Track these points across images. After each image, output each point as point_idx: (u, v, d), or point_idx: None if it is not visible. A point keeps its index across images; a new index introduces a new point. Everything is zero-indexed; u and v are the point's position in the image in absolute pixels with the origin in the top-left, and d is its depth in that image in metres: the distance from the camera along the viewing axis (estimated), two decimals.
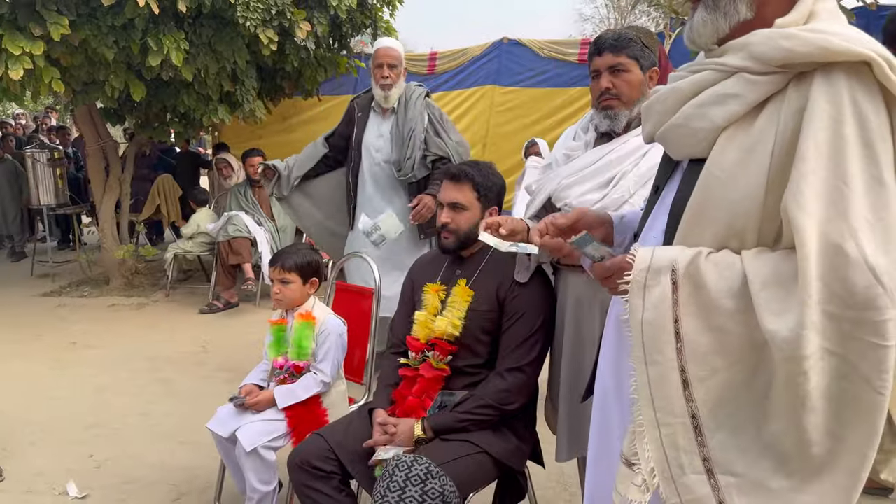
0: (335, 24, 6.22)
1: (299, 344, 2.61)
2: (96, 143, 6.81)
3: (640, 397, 1.26)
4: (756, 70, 1.20)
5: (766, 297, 1.14)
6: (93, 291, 6.79)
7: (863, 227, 1.09)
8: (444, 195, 2.27)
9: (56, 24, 4.64)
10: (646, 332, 1.25)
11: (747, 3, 1.26)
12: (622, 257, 1.32)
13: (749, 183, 1.19)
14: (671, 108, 1.32)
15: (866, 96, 1.12)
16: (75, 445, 3.47)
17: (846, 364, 1.09)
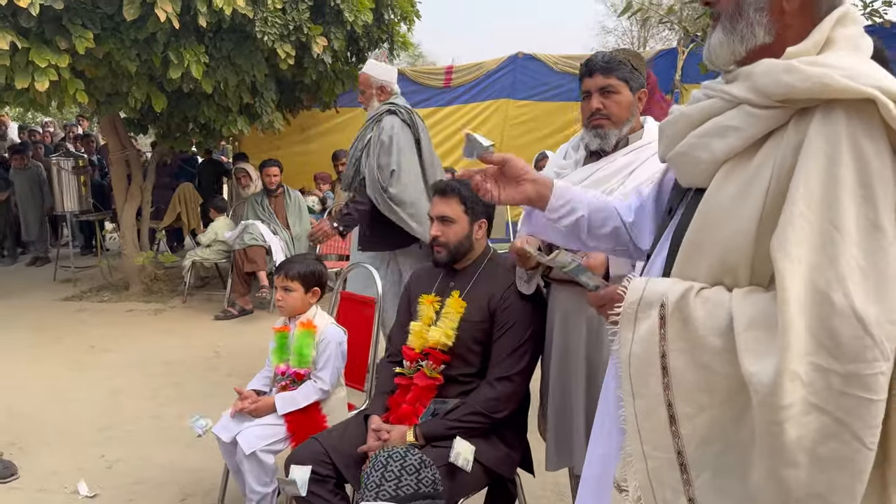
0: (352, 38, 6.34)
1: (300, 352, 2.70)
2: (120, 152, 7.00)
3: (628, 428, 1.25)
4: (757, 103, 1.16)
5: (748, 338, 1.10)
6: (112, 297, 6.96)
7: (853, 274, 1.03)
8: (434, 209, 2.35)
9: (81, 38, 4.80)
10: (633, 364, 1.24)
11: (766, 27, 1.20)
12: (615, 288, 1.30)
13: (743, 220, 1.15)
14: (680, 132, 1.29)
15: (867, 136, 1.06)
16: (88, 446, 3.59)
17: (837, 423, 1.02)
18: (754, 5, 1.21)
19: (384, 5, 6.41)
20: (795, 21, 1.19)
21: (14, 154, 8.84)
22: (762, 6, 1.20)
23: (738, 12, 1.22)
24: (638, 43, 23.74)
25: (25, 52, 4.73)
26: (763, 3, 1.20)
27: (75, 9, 4.84)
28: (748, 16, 1.21)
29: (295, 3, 5.52)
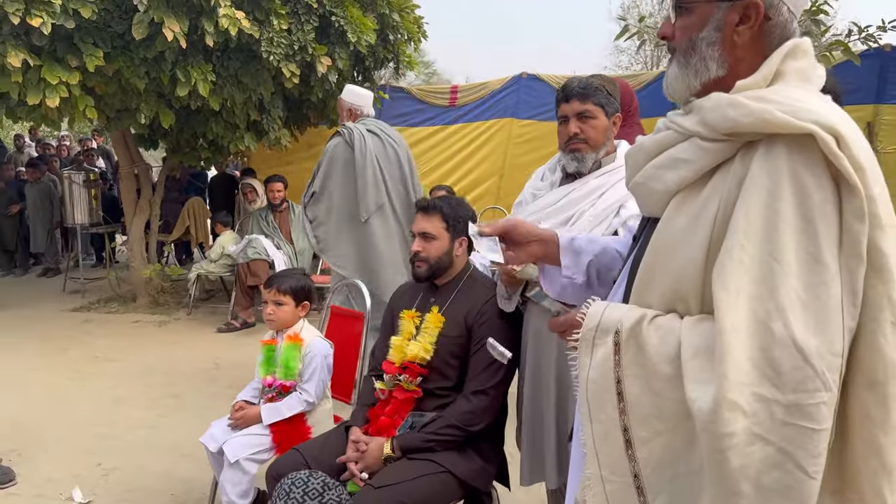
0: (358, 58, 6.47)
1: (286, 364, 2.77)
2: (129, 167, 7.15)
3: (587, 451, 1.26)
4: (706, 136, 1.17)
5: (693, 366, 1.11)
6: (120, 308, 7.08)
7: (793, 305, 1.03)
8: (416, 226, 2.42)
9: (91, 56, 4.95)
10: (591, 389, 1.25)
11: (718, 60, 1.22)
12: (573, 314, 1.31)
13: (692, 250, 1.16)
14: (639, 163, 1.31)
15: (808, 170, 1.06)
16: (86, 454, 3.67)
17: (780, 453, 1.02)
18: (706, 40, 1.23)
19: (389, 26, 6.53)
20: (747, 54, 1.22)
21: (28, 167, 9.04)
22: (714, 41, 1.22)
23: (692, 47, 1.24)
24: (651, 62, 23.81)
25: (37, 69, 4.88)
26: (715, 38, 1.22)
27: (86, 28, 5.00)
28: (701, 50, 1.23)
29: (300, 23, 5.65)
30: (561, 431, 2.15)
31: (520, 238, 1.58)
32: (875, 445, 1.08)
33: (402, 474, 2.15)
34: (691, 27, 1.25)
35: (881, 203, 1.08)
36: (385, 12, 6.30)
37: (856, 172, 1.05)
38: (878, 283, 1.06)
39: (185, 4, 4.99)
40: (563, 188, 2.21)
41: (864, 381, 1.08)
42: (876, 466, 1.08)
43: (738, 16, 1.21)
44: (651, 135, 1.34)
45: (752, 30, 1.21)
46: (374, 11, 6.19)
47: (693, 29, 1.25)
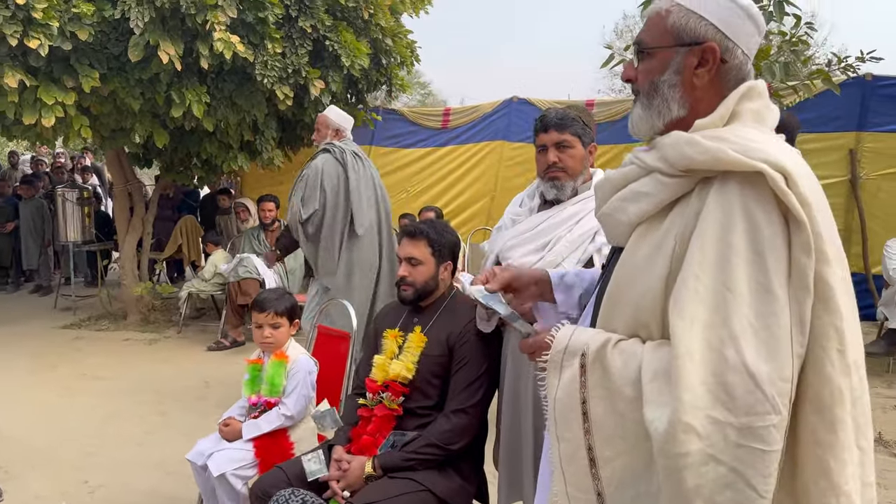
0: (351, 81, 6.57)
1: (272, 381, 2.82)
2: (123, 185, 7.21)
3: (554, 469, 1.32)
4: (665, 171, 1.24)
5: (651, 389, 1.17)
6: (110, 326, 7.10)
7: (745, 333, 1.08)
8: (402, 251, 2.49)
9: (87, 77, 5.04)
10: (558, 408, 1.31)
11: (679, 102, 1.30)
12: (543, 336, 1.38)
13: (652, 279, 1.22)
14: (606, 195, 1.38)
15: (759, 206, 1.13)
16: (73, 471, 3.69)
17: (732, 473, 1.07)
18: (668, 82, 1.31)
19: (382, 51, 6.64)
20: (706, 95, 1.29)
21: (23, 184, 9.10)
22: (675, 83, 1.30)
23: (654, 89, 1.32)
24: None
25: (34, 89, 4.97)
26: (675, 81, 1.30)
27: (83, 49, 5.09)
28: (663, 92, 1.31)
29: (294, 47, 5.75)
30: (539, 452, 2.20)
31: (521, 286, 1.65)
32: (824, 467, 1.14)
33: (383, 492, 2.20)
34: (653, 71, 1.33)
35: (827, 239, 1.15)
36: (378, 37, 6.41)
37: (803, 208, 1.12)
38: (825, 313, 1.13)
39: (181, 28, 5.09)
40: (541, 214, 2.29)
41: (813, 406, 1.14)
42: (825, 487, 1.14)
43: (696, 59, 1.29)
44: (619, 168, 1.41)
45: (710, 72, 1.29)
46: (368, 36, 6.30)
47: (655, 72, 1.33)
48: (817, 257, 1.12)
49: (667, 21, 1.31)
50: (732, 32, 1.28)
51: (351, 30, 6.05)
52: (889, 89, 6.49)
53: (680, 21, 1.30)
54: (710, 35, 1.28)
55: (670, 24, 1.31)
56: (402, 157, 8.43)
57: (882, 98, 6.53)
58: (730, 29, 1.28)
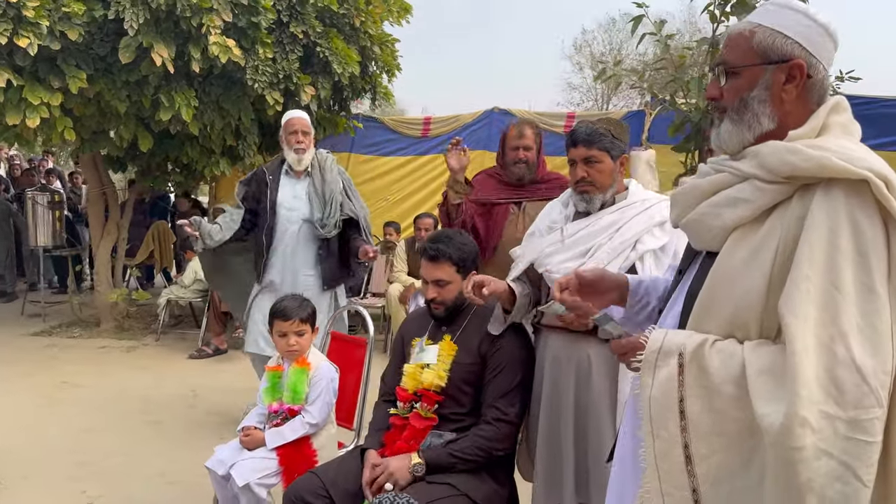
0: (337, 88, 6.56)
1: (294, 389, 2.79)
2: (98, 188, 7.05)
3: (647, 466, 1.35)
4: (765, 178, 1.30)
5: (759, 384, 1.22)
6: (83, 333, 6.92)
7: (853, 331, 1.15)
8: (428, 274, 2.48)
9: (74, 78, 4.93)
10: (653, 407, 1.34)
11: (769, 115, 1.36)
12: (636, 338, 1.41)
13: (753, 282, 1.27)
14: (692, 202, 1.42)
15: (863, 211, 1.20)
16: (68, 481, 3.59)
17: (842, 466, 1.13)
18: (758, 98, 1.37)
19: (369, 58, 6.66)
20: (794, 108, 1.36)
21: None
22: (764, 98, 1.37)
23: (744, 106, 1.38)
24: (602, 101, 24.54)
25: (18, 89, 4.83)
26: (765, 97, 1.37)
27: (70, 49, 4.97)
28: (753, 108, 1.37)
29: (285, 53, 5.72)
30: (580, 455, 2.24)
31: (605, 289, 1.68)
32: None
33: (424, 497, 2.20)
34: (741, 88, 1.40)
35: None
36: (367, 45, 6.41)
37: None
38: None
39: (174, 30, 5.02)
40: (580, 222, 2.33)
41: None
42: None
43: (784, 76, 1.35)
44: (699, 176, 1.47)
45: (798, 87, 1.35)
46: (356, 44, 6.30)
47: (743, 90, 1.39)
48: None
49: (752, 41, 1.38)
50: (815, 49, 1.35)
51: (341, 37, 6.04)
52: (858, 108, 6.69)
53: (766, 40, 1.36)
54: (796, 52, 1.35)
55: (756, 43, 1.37)
56: (382, 164, 8.43)
57: None
58: (813, 46, 1.35)
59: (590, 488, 2.23)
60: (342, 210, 3.98)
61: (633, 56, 17.34)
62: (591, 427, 2.22)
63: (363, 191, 8.57)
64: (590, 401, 2.23)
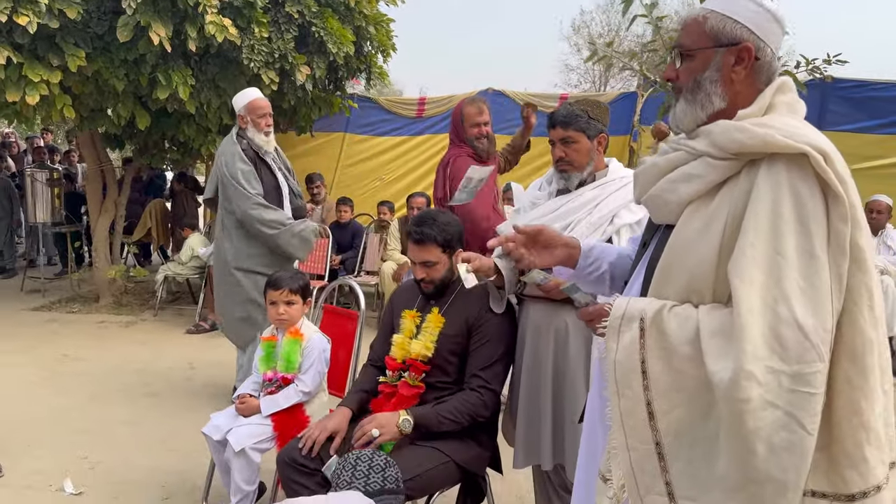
0: (332, 67, 6.62)
1: (288, 358, 2.92)
2: (96, 166, 7.12)
3: (613, 424, 1.45)
4: (716, 155, 1.40)
5: (711, 344, 1.32)
6: (82, 308, 7.03)
7: (795, 292, 1.25)
8: (415, 256, 2.56)
9: (73, 56, 5.00)
10: (618, 369, 1.45)
11: (720, 95, 1.47)
12: (601, 305, 1.53)
13: (705, 251, 1.38)
14: (652, 179, 1.53)
15: (803, 183, 1.30)
16: (70, 448, 3.71)
17: (786, 416, 1.24)
18: (709, 79, 1.48)
19: (364, 38, 6.71)
20: (743, 89, 1.47)
21: None
22: (716, 79, 1.47)
23: (697, 86, 1.49)
24: (599, 82, 24.51)
25: (18, 67, 4.90)
26: (716, 77, 1.47)
27: (68, 28, 5.03)
28: (706, 88, 1.48)
29: (280, 32, 5.78)
30: (557, 418, 2.36)
31: (546, 241, 1.79)
32: (856, 406, 1.32)
33: (416, 465, 2.31)
34: (695, 70, 1.51)
35: (858, 208, 1.34)
36: (361, 24, 6.47)
37: (840, 184, 1.31)
38: (858, 272, 1.33)
39: (171, 9, 5.08)
40: (561, 198, 2.44)
41: (847, 354, 1.32)
42: (857, 424, 1.32)
43: (733, 58, 1.47)
44: (661, 155, 1.58)
45: (746, 69, 1.47)
46: (351, 23, 6.35)
47: (697, 71, 1.51)
48: (852, 224, 1.31)
49: (704, 26, 1.49)
50: (763, 34, 1.46)
51: (336, 16, 6.09)
52: (847, 91, 6.85)
53: (717, 25, 1.47)
54: (745, 36, 1.46)
55: (708, 28, 1.48)
56: (377, 144, 8.52)
57: (839, 99, 6.89)
58: (761, 30, 1.46)
59: (566, 450, 2.36)
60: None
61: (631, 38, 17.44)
62: (568, 391, 2.34)
63: (358, 171, 8.75)
64: (567, 366, 2.35)
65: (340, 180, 8.64)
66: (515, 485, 3.32)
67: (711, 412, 1.35)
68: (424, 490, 2.38)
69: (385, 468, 2.04)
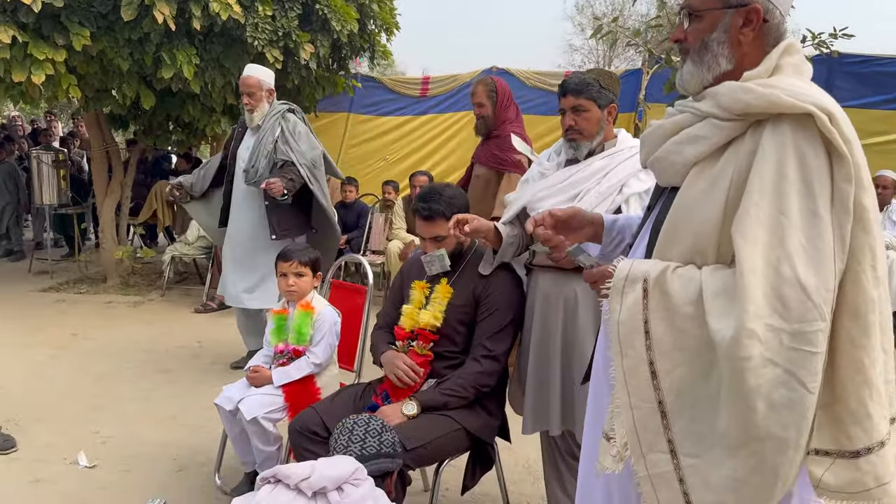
0: (336, 46, 6.60)
1: (299, 331, 2.94)
2: (101, 147, 7.13)
3: (617, 383, 1.46)
4: (721, 116, 1.40)
5: (714, 304, 1.33)
6: (90, 289, 7.06)
7: (798, 252, 1.26)
8: (424, 232, 2.58)
9: (78, 35, 4.99)
10: (621, 330, 1.46)
11: (727, 56, 1.47)
12: (605, 267, 1.53)
13: (710, 211, 1.38)
14: (657, 142, 1.53)
15: (808, 143, 1.30)
16: (81, 423, 3.76)
17: (786, 373, 1.25)
18: (717, 40, 1.48)
19: (367, 16, 6.68)
20: (750, 50, 1.47)
21: None
22: (723, 41, 1.47)
23: (704, 47, 1.49)
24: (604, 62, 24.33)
25: (23, 46, 4.90)
26: (724, 38, 1.47)
27: (72, 7, 5.02)
28: (713, 49, 1.48)
29: (284, 10, 5.76)
30: (566, 385, 2.39)
31: (579, 224, 1.81)
32: (858, 364, 1.34)
33: (427, 434, 2.35)
34: (703, 31, 1.51)
35: (863, 168, 1.34)
36: (364, 2, 6.44)
37: (844, 144, 1.31)
38: (861, 233, 1.33)
39: None
40: (570, 168, 2.45)
41: (849, 313, 1.34)
42: (860, 381, 1.34)
43: (741, 19, 1.47)
44: (666, 118, 1.58)
45: (754, 31, 1.47)
46: (355, 1, 6.33)
47: (704, 32, 1.51)
48: (856, 185, 1.31)
49: None
50: None
51: None
52: (853, 66, 6.81)
53: None
54: None
55: None
56: (381, 124, 8.51)
57: (846, 74, 6.85)
58: None
59: (575, 416, 2.38)
60: (276, 155, 4.15)
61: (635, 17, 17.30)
62: (577, 359, 2.36)
63: (362, 151, 8.74)
64: (576, 335, 2.37)
65: (345, 160, 8.63)
66: (523, 454, 3.35)
67: (713, 371, 1.36)
68: (434, 458, 2.41)
69: (382, 432, 2.01)
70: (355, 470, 1.83)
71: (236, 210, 4.37)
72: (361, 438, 2.01)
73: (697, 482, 1.38)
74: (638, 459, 1.44)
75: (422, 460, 2.35)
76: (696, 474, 1.38)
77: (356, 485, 1.81)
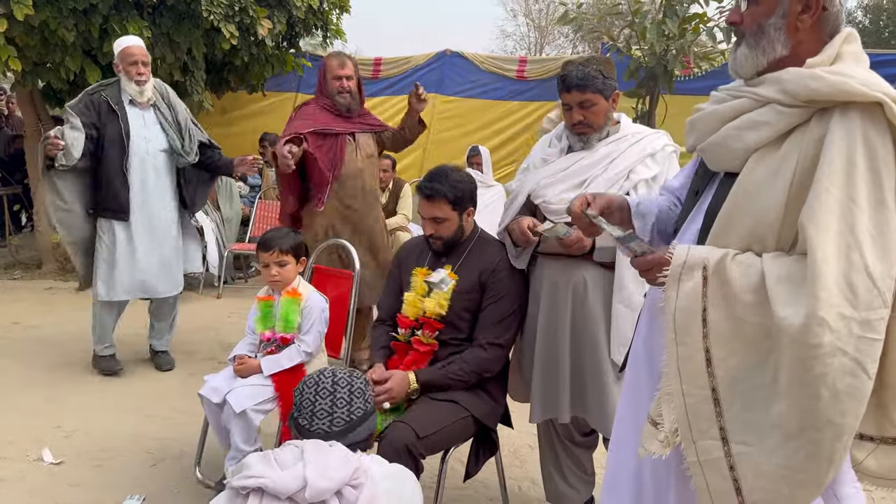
0: (288, 23, 6.41)
1: (286, 318, 2.85)
2: (36, 125, 6.72)
3: (669, 370, 1.47)
4: (785, 103, 1.40)
5: (779, 290, 1.33)
6: (24, 275, 6.70)
7: (867, 240, 1.28)
8: (425, 212, 2.54)
9: (19, 4, 4.66)
10: (678, 317, 1.45)
11: (783, 42, 1.46)
12: (660, 254, 1.51)
13: (772, 198, 1.39)
14: (711, 127, 1.53)
15: (876, 131, 1.32)
16: (40, 416, 3.55)
17: (853, 362, 1.26)
18: (774, 25, 1.47)
19: None
20: (806, 38, 1.47)
21: None
22: (780, 26, 1.47)
23: (761, 31, 1.49)
24: (535, 48, 24.54)
25: None
26: (781, 24, 1.47)
27: None
28: (769, 34, 1.48)
29: None
30: (576, 372, 2.39)
31: (613, 210, 1.80)
32: None
33: (435, 422, 2.32)
34: (760, 15, 1.51)
35: None
36: None
37: None
38: None
39: None
40: (574, 155, 2.43)
41: None
42: None
43: (801, 6, 1.47)
44: (714, 103, 1.58)
45: (813, 18, 1.47)
46: None
47: (762, 16, 1.50)
48: None
49: None
50: None
51: None
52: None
53: None
54: None
55: None
56: None
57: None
58: None
59: (586, 402, 2.39)
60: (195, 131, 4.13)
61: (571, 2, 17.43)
62: (587, 345, 2.36)
63: None
64: (586, 322, 2.36)
65: None
66: (508, 439, 3.36)
67: (769, 359, 1.37)
68: (444, 444, 2.39)
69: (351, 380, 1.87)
70: (354, 470, 1.67)
71: (153, 195, 4.03)
72: (347, 401, 1.84)
73: (748, 469, 1.39)
74: (689, 446, 1.45)
75: (434, 447, 2.32)
76: (748, 462, 1.39)
77: (356, 485, 1.67)
